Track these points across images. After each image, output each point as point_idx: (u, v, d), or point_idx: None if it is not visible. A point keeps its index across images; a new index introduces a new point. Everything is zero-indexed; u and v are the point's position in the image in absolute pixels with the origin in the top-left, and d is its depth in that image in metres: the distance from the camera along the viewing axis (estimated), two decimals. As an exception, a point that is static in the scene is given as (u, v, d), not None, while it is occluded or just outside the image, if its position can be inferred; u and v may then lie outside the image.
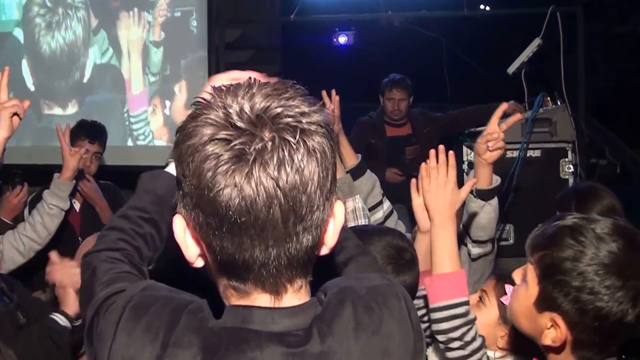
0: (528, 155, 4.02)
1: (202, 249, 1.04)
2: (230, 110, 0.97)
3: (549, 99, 4.17)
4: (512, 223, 4.02)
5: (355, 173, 2.77)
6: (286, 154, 0.95)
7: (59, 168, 3.19)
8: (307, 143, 0.96)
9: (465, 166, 4.17)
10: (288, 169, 0.95)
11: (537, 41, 4.52)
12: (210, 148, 0.95)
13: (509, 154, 3.90)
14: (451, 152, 2.04)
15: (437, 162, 2.02)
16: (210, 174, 0.95)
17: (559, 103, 4.17)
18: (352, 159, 2.81)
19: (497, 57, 5.01)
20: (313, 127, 0.97)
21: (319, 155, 0.97)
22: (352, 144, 2.89)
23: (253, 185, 0.94)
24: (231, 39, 5.37)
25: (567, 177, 4.08)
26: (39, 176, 3.87)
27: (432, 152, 2.04)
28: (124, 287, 1.14)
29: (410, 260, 1.99)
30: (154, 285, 1.11)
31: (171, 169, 1.42)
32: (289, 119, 0.97)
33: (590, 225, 1.45)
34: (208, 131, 0.96)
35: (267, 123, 0.96)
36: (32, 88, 5.42)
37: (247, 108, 0.97)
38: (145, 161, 4.94)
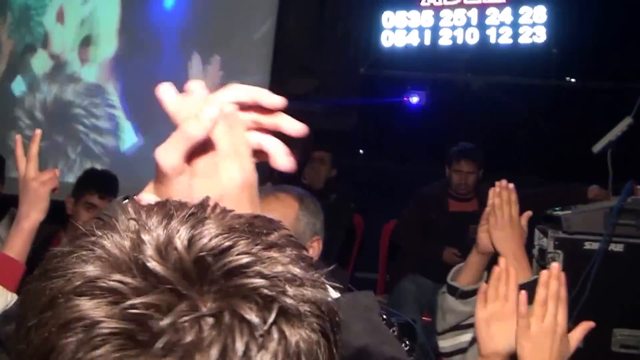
0: (609, 249, 3.54)
1: None
2: (146, 238, 0.51)
3: (639, 187, 3.74)
4: (585, 325, 3.56)
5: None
6: (240, 349, 0.48)
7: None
8: (289, 337, 0.50)
9: (535, 251, 3.77)
10: None
11: (627, 120, 4.13)
12: (79, 305, 0.48)
13: (588, 246, 3.53)
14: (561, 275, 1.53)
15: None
16: None
17: (649, 194, 3.73)
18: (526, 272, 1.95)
19: (582, 133, 4.62)
20: (305, 308, 0.51)
21: None
22: (411, 216, 2.47)
23: None
24: (306, 88, 5.16)
25: (653, 279, 3.61)
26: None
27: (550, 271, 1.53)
28: None
29: None
30: None
31: None
32: (262, 282, 0.50)
33: None
34: (88, 269, 0.49)
35: (215, 278, 0.49)
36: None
37: (182, 239, 0.51)
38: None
